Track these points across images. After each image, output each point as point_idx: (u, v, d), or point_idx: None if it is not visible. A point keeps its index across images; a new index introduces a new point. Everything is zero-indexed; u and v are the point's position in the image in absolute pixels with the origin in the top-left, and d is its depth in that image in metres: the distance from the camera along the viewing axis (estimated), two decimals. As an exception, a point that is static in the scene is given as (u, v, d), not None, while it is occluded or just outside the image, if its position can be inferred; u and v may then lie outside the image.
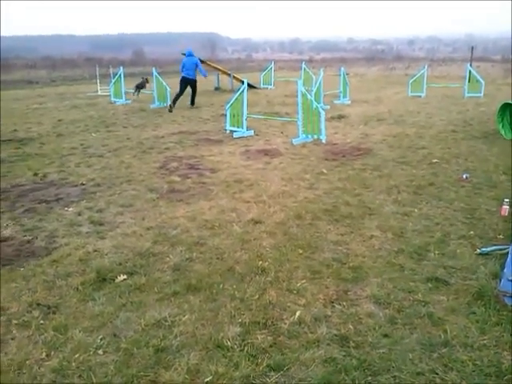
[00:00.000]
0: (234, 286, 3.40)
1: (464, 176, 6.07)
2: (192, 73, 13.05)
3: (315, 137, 8.63)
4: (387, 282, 3.46)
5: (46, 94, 18.16)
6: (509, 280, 3.29)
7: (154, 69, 14.10)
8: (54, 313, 3.12)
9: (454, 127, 9.74)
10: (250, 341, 2.78)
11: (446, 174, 6.26)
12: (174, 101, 12.83)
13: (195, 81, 13.24)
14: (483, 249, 3.90)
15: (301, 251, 3.99)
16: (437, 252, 3.92)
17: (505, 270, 3.39)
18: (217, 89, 18.50)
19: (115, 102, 14.59)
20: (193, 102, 13.62)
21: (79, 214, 4.97)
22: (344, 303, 3.18)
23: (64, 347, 2.76)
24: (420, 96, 15.36)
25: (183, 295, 3.30)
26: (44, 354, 2.69)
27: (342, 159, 7.21)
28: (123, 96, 14.56)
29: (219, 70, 18.63)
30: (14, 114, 12.84)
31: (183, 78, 13.06)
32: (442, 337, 2.79)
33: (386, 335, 2.83)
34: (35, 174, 6.57)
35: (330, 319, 3.00)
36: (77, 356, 2.67)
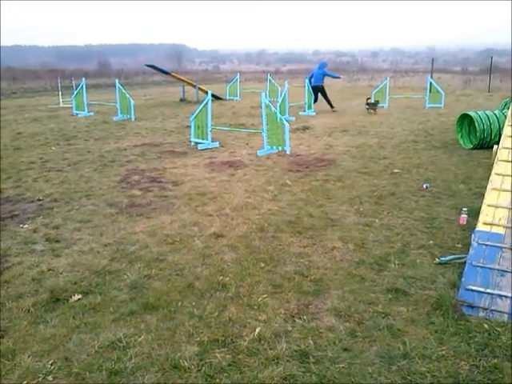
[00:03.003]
0: (193, 303, 3.32)
1: (424, 186, 6.18)
2: (319, 81, 14.62)
3: (280, 148, 8.65)
4: (348, 294, 3.45)
5: (5, 107, 17.61)
6: (467, 289, 3.34)
7: (116, 80, 13.90)
8: (2, 337, 2.96)
9: (415, 137, 9.95)
10: (207, 360, 2.70)
11: (406, 184, 6.35)
12: (315, 100, 14.65)
13: (323, 86, 14.75)
14: (442, 258, 3.95)
15: (263, 265, 3.94)
16: (397, 262, 3.94)
17: (463, 279, 3.44)
18: (182, 100, 18.40)
19: (77, 114, 14.28)
20: (331, 105, 14.83)
21: (34, 231, 4.79)
22: (305, 317, 3.14)
23: (11, 374, 2.61)
24: (382, 106, 15.66)
25: (140, 314, 3.19)
26: (-12, 382, 2.54)
27: (305, 170, 7.23)
28: (85, 108, 14.28)
29: (184, 81, 18.56)
30: (-30, 127, 12.37)
31: (313, 86, 14.55)
32: (402, 349, 2.79)
33: (346, 349, 2.80)
34: (-11, 190, 6.31)
35: (291, 334, 2.96)
36: (24, 383, 2.53)
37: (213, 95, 13.10)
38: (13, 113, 15.57)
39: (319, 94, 14.88)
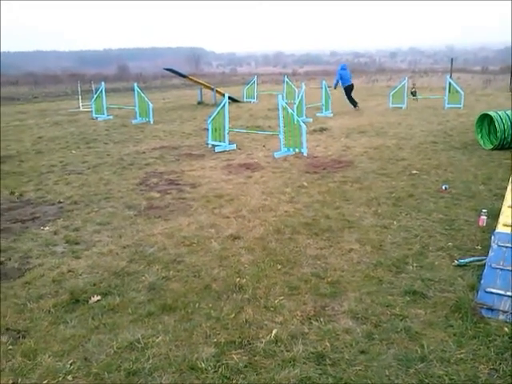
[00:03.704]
0: (210, 305, 3.34)
1: (443, 187, 6.11)
2: (349, 80, 15.49)
3: (297, 150, 8.64)
4: (365, 296, 3.43)
5: (27, 111, 17.99)
6: (486, 292, 3.29)
7: (135, 84, 14.07)
8: (24, 337, 3.02)
9: (434, 138, 9.84)
10: (224, 362, 2.71)
11: (425, 186, 6.29)
12: (354, 103, 15.44)
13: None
14: (461, 260, 3.90)
15: (279, 267, 3.94)
16: (415, 264, 3.91)
17: (482, 282, 3.39)
18: (200, 103, 18.52)
19: (97, 117, 14.50)
20: (355, 104, 15.55)
21: (55, 233, 4.88)
22: (321, 319, 3.14)
23: (32, 373, 2.67)
24: (401, 107, 15.53)
25: (158, 315, 3.22)
26: (10, 381, 2.60)
27: (322, 172, 7.21)
28: (105, 112, 14.48)
29: (202, 84, 18.68)
30: (-7, 131, 12.67)
31: (350, 85, 15.46)
32: (419, 352, 2.76)
33: (362, 351, 2.79)
34: (12, 193, 6.45)
35: (307, 336, 2.95)
36: (45, 383, 2.58)
37: (230, 98, 13.16)
38: (34, 117, 15.88)
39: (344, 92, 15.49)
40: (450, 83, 15.48)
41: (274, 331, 2.99)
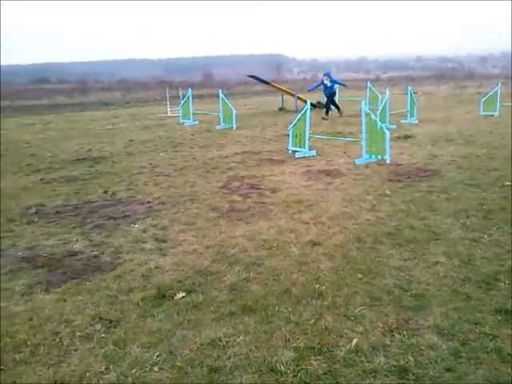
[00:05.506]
0: (290, 309, 3.36)
1: (541, 200, 5.68)
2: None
3: (379, 157, 8.45)
4: (452, 311, 3.28)
5: (119, 115, 19.16)
6: None
7: (220, 91, 14.50)
8: (115, 327, 3.22)
9: (530, 148, 9.17)
10: (304, 366, 2.72)
11: (520, 198, 5.88)
12: (338, 107, 16.20)
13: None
14: (561, 280, 3.60)
15: (360, 276, 3.88)
16: (507, 282, 3.66)
17: None
18: (281, 109, 18.68)
19: (183, 123, 15.12)
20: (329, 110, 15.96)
21: (144, 231, 5.15)
22: (404, 333, 3.04)
23: (122, 362, 2.84)
24: (493, 115, 14.65)
25: (239, 316, 3.30)
26: (103, 367, 2.79)
27: (406, 180, 6.99)
28: (191, 117, 15.06)
29: (283, 90, 18.83)
30: (89, 134, 13.69)
31: (334, 92, 16.55)
32: (512, 375, 2.59)
33: (448, 369, 2.67)
34: (105, 192, 6.92)
35: (389, 349, 2.88)
36: (133, 371, 2.74)
37: (311, 104, 13.15)
38: (125, 121, 16.88)
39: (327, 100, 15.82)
40: (550, 89, 14.37)
41: (354, 340, 2.95)
